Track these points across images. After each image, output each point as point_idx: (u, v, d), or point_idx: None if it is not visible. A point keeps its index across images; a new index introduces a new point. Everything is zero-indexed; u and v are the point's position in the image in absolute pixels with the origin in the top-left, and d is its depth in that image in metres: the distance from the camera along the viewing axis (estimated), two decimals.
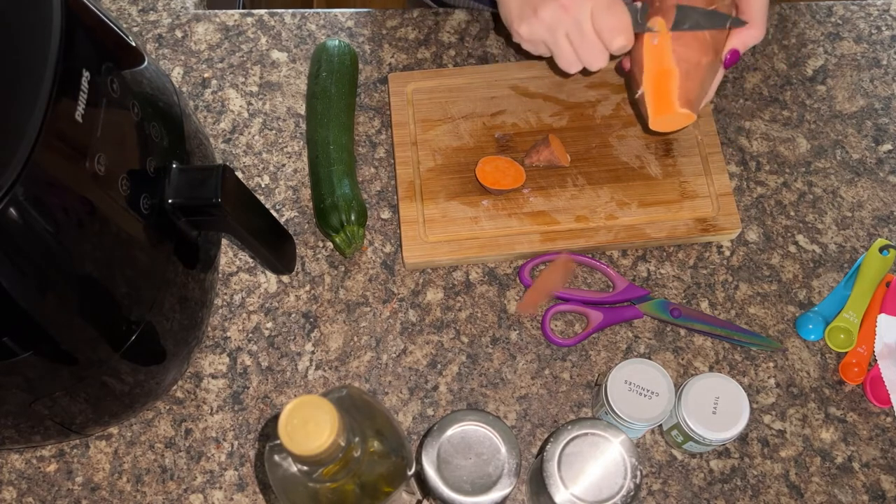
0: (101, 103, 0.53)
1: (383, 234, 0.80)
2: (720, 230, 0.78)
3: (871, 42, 0.89)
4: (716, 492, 0.70)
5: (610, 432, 0.60)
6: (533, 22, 0.68)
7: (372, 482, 0.51)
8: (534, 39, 0.70)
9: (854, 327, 0.75)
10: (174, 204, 0.60)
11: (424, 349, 0.75)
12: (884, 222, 0.80)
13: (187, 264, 0.64)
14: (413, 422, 0.73)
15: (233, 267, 0.78)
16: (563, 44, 0.69)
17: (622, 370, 0.66)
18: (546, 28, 0.68)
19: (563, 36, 0.68)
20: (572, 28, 0.67)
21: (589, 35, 0.67)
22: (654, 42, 0.68)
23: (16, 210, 0.46)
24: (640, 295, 0.76)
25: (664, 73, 0.68)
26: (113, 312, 0.56)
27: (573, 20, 0.67)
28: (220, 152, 0.83)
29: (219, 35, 0.89)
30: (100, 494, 0.70)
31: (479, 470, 0.58)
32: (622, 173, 0.80)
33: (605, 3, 0.66)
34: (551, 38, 0.69)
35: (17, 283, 0.48)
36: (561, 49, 0.69)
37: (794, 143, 0.84)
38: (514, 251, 0.77)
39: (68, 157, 0.49)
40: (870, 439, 0.72)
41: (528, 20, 0.69)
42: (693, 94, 0.69)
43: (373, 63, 0.87)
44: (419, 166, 0.80)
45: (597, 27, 0.67)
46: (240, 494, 0.70)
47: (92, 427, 0.68)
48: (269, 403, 0.73)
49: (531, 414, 0.73)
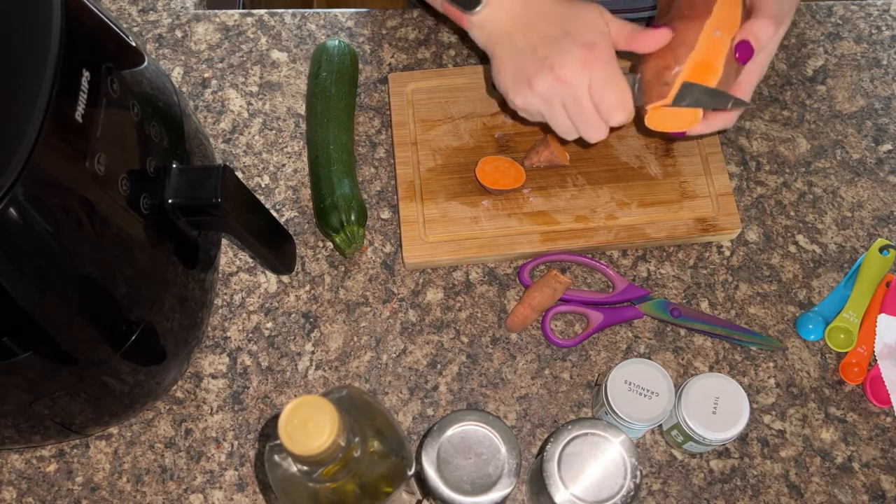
0: (101, 103, 0.53)
1: (383, 234, 0.80)
2: (720, 230, 0.78)
3: (871, 42, 0.89)
4: (716, 492, 0.70)
5: (610, 432, 0.60)
6: (528, 93, 0.65)
7: (372, 482, 0.51)
8: (529, 109, 0.67)
9: (854, 327, 0.75)
10: (174, 204, 0.60)
11: (424, 349, 0.75)
12: (884, 222, 0.80)
13: (187, 264, 0.64)
14: (413, 422, 0.73)
15: (233, 267, 0.78)
16: (559, 116, 0.66)
17: (622, 370, 0.66)
18: (541, 100, 0.65)
19: (560, 107, 0.66)
20: (569, 101, 0.65)
21: (587, 109, 0.65)
22: (716, 35, 0.64)
23: (16, 210, 0.46)
24: (640, 295, 0.76)
25: (707, 67, 0.64)
26: (113, 312, 0.56)
27: (570, 93, 0.64)
28: (220, 152, 0.83)
29: (219, 35, 0.89)
30: (100, 494, 0.70)
31: (479, 470, 0.58)
32: (622, 173, 0.80)
33: (603, 76, 0.63)
34: (547, 110, 0.66)
35: (17, 283, 0.48)
36: (557, 120, 0.67)
37: (794, 143, 0.84)
38: (514, 251, 0.77)
39: (68, 157, 0.49)
40: (870, 439, 0.72)
41: (523, 91, 0.66)
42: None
43: (373, 63, 0.87)
44: (419, 166, 0.80)
45: (595, 101, 0.64)
46: (240, 494, 0.70)
47: (92, 427, 0.68)
48: (269, 403, 0.73)
49: (531, 414, 0.73)
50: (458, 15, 0.67)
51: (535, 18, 0.65)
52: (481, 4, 0.65)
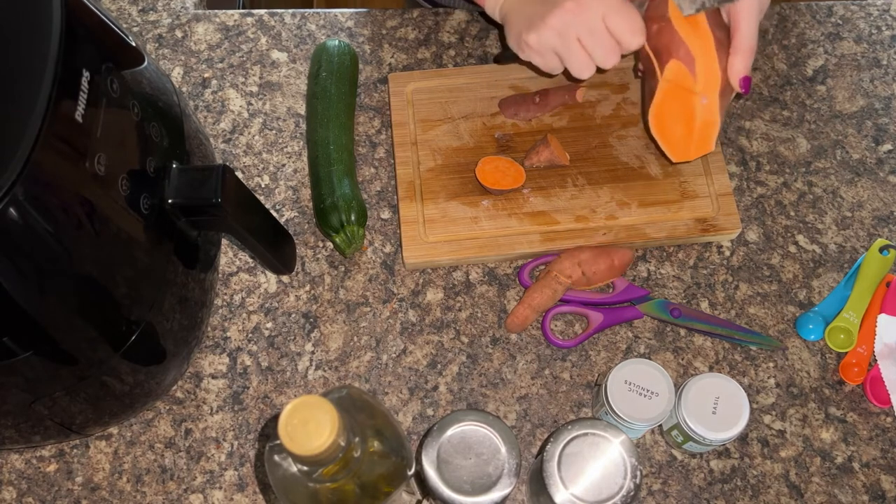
0: (101, 103, 0.53)
1: (383, 234, 0.80)
2: (720, 230, 0.78)
3: (871, 42, 0.89)
4: (716, 492, 0.70)
5: (610, 432, 0.60)
6: (542, 29, 0.68)
7: (372, 482, 0.51)
8: (543, 48, 0.69)
9: (854, 327, 0.75)
10: (174, 204, 0.60)
11: (424, 349, 0.75)
12: (884, 222, 0.80)
13: (187, 264, 0.64)
14: (413, 422, 0.73)
15: (233, 267, 0.78)
16: (574, 48, 0.68)
17: (622, 370, 0.66)
18: (556, 34, 0.68)
19: (575, 40, 0.68)
20: (584, 31, 0.67)
21: (603, 35, 0.67)
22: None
23: (16, 210, 0.46)
24: (640, 295, 0.76)
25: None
26: (113, 312, 0.56)
27: (584, 23, 0.67)
28: (220, 152, 0.83)
29: (219, 35, 0.89)
30: (100, 494, 0.70)
31: (479, 470, 0.58)
32: (622, 173, 0.80)
33: (615, 5, 0.66)
34: (562, 44, 0.68)
35: (17, 283, 0.48)
36: (573, 53, 0.69)
37: (794, 143, 0.84)
38: (514, 251, 0.77)
39: (68, 157, 0.49)
40: (870, 439, 0.72)
41: (537, 28, 0.68)
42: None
43: (373, 63, 0.87)
44: (419, 166, 0.80)
45: (611, 29, 0.67)
46: (240, 494, 0.70)
47: (92, 427, 0.68)
48: (269, 403, 0.73)
49: (531, 414, 0.73)
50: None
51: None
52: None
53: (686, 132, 0.72)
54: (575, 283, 0.75)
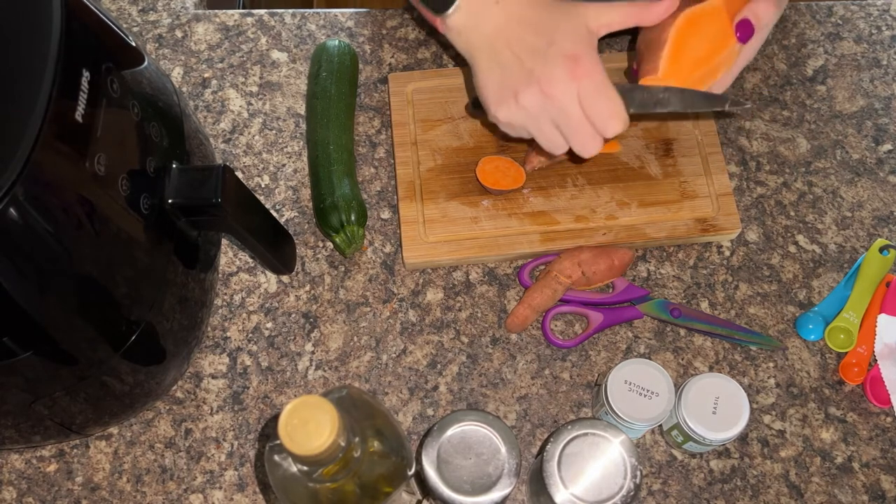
0: (101, 103, 0.53)
1: (383, 234, 0.80)
2: (720, 230, 0.78)
3: (871, 42, 0.89)
4: (716, 492, 0.70)
5: (610, 432, 0.60)
6: (513, 108, 0.62)
7: (372, 482, 0.51)
8: (514, 125, 0.64)
9: (854, 327, 0.75)
10: (174, 204, 0.60)
11: (424, 349, 0.75)
12: (884, 222, 0.80)
13: (187, 264, 0.64)
14: (413, 422, 0.73)
15: (233, 267, 0.78)
16: (547, 130, 0.63)
17: (622, 370, 0.66)
18: (527, 115, 0.62)
19: (548, 122, 0.63)
20: (558, 116, 0.62)
21: (578, 122, 0.62)
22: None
23: (16, 210, 0.46)
24: (640, 295, 0.76)
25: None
26: (113, 312, 0.56)
27: (559, 108, 0.61)
28: (220, 152, 0.83)
29: (219, 35, 0.89)
30: (100, 494, 0.70)
31: (479, 470, 0.58)
32: (622, 173, 0.80)
33: (592, 86, 0.60)
34: (534, 124, 0.63)
35: (17, 283, 0.48)
36: (545, 135, 0.64)
37: (794, 143, 0.84)
38: (514, 251, 0.77)
39: (68, 157, 0.49)
40: (870, 439, 0.72)
41: (508, 105, 0.62)
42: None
43: (373, 63, 0.87)
44: (419, 166, 0.80)
45: (587, 113, 0.61)
46: (240, 494, 0.70)
47: (92, 427, 0.68)
48: (269, 403, 0.73)
49: (531, 414, 0.73)
50: (431, 17, 0.64)
51: (517, 27, 0.61)
52: (452, 7, 0.62)
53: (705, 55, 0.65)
54: (575, 283, 0.75)
